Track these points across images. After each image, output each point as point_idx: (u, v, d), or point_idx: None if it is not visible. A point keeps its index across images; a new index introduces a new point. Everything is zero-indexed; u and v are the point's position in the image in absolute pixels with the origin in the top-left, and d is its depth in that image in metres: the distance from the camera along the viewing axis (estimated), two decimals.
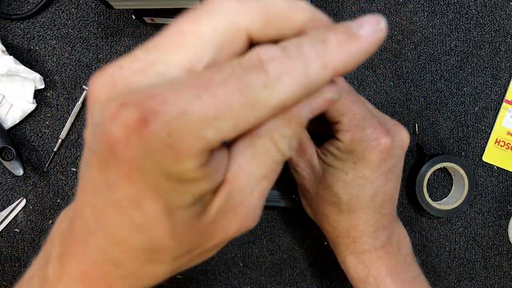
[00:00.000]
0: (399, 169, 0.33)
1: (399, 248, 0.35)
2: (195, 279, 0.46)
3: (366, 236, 0.33)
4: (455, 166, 0.46)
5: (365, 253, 0.34)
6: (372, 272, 0.34)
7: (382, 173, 0.31)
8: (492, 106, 0.49)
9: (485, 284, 0.49)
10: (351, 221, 0.32)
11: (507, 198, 0.49)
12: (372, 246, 0.33)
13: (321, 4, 0.46)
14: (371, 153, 0.30)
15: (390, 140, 0.30)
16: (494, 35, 0.49)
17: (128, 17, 0.45)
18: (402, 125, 0.33)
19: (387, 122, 0.32)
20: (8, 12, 0.44)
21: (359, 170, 0.30)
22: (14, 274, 0.44)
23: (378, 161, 0.30)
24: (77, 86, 0.44)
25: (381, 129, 0.30)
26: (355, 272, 0.35)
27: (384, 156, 0.30)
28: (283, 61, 0.15)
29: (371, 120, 0.30)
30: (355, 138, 0.30)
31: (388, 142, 0.30)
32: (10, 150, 0.42)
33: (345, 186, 0.31)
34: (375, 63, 0.47)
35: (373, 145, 0.30)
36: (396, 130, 0.32)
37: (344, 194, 0.31)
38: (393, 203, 0.34)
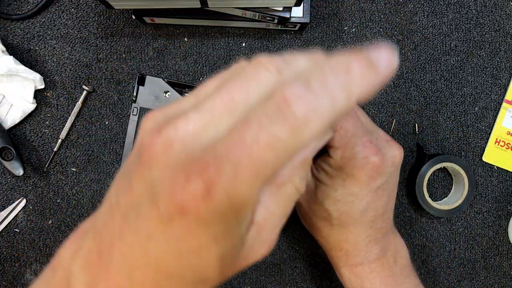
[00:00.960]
0: (391, 185, 0.33)
1: (395, 260, 0.35)
2: None
3: (359, 250, 0.33)
4: (455, 166, 0.46)
5: (358, 266, 0.34)
6: (365, 284, 0.34)
7: (372, 190, 0.31)
8: (492, 106, 0.49)
9: (485, 284, 0.49)
10: (343, 235, 0.33)
11: (507, 198, 0.49)
12: (365, 259, 0.33)
13: (321, 4, 0.46)
14: (360, 171, 0.30)
15: (380, 158, 0.30)
16: (494, 35, 0.49)
17: (128, 17, 0.45)
18: (395, 141, 0.33)
19: (380, 138, 0.32)
20: (8, 12, 0.44)
21: (348, 187, 0.30)
22: (14, 274, 0.44)
23: (366, 178, 0.30)
24: (77, 86, 0.44)
25: (371, 147, 0.30)
26: (349, 283, 0.35)
27: (373, 174, 0.30)
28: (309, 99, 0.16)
29: (362, 138, 0.30)
30: (345, 156, 0.30)
31: (377, 160, 0.30)
32: (10, 150, 0.42)
33: (335, 202, 0.31)
34: None
35: (362, 164, 0.30)
36: (388, 147, 0.32)
37: (334, 211, 0.32)
38: (386, 218, 0.34)
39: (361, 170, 0.30)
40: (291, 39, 0.46)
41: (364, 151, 0.30)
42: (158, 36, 0.45)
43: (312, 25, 0.46)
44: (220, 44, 0.46)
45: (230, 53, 0.46)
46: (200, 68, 0.45)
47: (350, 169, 0.30)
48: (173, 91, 0.42)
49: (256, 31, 0.46)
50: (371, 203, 0.31)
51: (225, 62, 0.46)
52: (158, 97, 0.42)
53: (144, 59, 0.45)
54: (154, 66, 0.45)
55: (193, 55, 0.45)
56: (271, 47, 0.46)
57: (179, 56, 0.45)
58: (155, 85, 0.42)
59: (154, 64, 0.45)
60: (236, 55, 0.46)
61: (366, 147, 0.30)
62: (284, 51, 0.46)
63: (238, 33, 0.46)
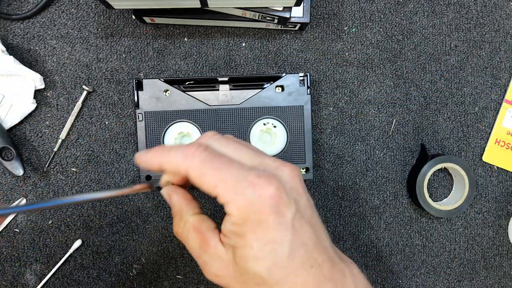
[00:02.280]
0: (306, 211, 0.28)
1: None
2: (195, 279, 0.46)
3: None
4: (455, 167, 0.46)
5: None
6: None
7: (287, 226, 0.26)
8: (492, 106, 0.49)
9: (485, 284, 0.49)
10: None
11: (507, 198, 0.49)
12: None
13: (321, 4, 0.46)
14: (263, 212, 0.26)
15: (275, 187, 0.26)
16: (494, 35, 0.49)
17: (128, 17, 0.45)
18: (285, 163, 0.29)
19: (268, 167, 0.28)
20: (8, 12, 0.44)
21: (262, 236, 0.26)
22: (14, 274, 0.44)
23: (275, 217, 0.26)
24: (77, 86, 0.44)
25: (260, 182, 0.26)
26: None
27: (278, 208, 0.26)
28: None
29: (247, 178, 0.26)
30: (240, 206, 0.26)
31: (273, 191, 0.26)
32: (10, 150, 0.42)
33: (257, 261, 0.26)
34: (375, 63, 0.47)
35: (260, 204, 0.26)
36: (279, 173, 0.28)
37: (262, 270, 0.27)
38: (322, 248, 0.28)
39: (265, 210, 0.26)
40: (291, 39, 0.46)
41: (255, 189, 0.26)
42: (158, 36, 0.45)
43: (312, 25, 0.46)
44: (220, 44, 0.46)
45: (230, 53, 0.46)
46: (200, 68, 0.45)
47: (253, 215, 0.26)
48: (173, 88, 0.42)
49: (256, 31, 0.46)
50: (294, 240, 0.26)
51: (225, 62, 0.46)
52: (159, 98, 0.42)
53: (144, 59, 0.45)
54: (154, 66, 0.45)
55: (193, 55, 0.45)
56: (271, 47, 0.46)
57: (179, 56, 0.45)
58: (154, 86, 0.42)
59: (154, 64, 0.45)
60: (236, 55, 0.46)
61: (256, 185, 0.26)
62: (284, 51, 0.46)
63: (238, 33, 0.46)
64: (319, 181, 0.47)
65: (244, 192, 0.26)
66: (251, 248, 0.26)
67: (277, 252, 0.26)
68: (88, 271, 0.45)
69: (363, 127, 0.47)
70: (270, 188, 0.26)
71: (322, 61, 0.47)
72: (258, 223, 0.26)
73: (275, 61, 0.46)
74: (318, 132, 0.47)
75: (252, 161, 0.28)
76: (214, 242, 0.29)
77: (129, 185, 0.45)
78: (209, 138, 0.29)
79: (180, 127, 0.43)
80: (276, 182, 0.26)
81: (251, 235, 0.26)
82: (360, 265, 0.47)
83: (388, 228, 0.48)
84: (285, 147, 0.43)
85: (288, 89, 0.43)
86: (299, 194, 0.28)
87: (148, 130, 0.42)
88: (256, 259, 0.26)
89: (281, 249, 0.26)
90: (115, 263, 0.45)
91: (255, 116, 0.43)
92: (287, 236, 0.26)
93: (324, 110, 0.47)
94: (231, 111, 0.43)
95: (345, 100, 0.47)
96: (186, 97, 0.42)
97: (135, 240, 0.45)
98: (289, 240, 0.26)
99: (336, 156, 0.47)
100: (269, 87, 0.43)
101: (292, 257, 0.26)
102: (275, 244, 0.26)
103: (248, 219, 0.26)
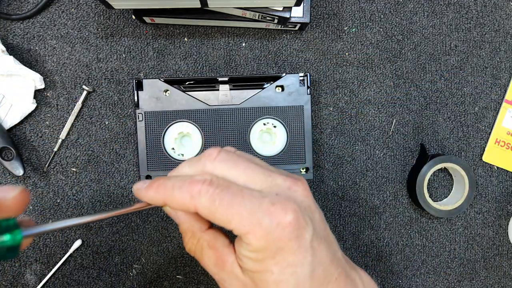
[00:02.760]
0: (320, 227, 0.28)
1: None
2: (195, 279, 0.46)
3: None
4: (455, 167, 0.46)
5: None
6: None
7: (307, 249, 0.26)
8: (492, 106, 0.49)
9: (485, 284, 0.49)
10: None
11: (507, 198, 0.49)
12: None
13: (321, 4, 0.46)
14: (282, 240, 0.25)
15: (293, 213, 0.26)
16: (494, 35, 0.49)
17: (128, 17, 0.45)
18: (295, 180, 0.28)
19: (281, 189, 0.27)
20: (8, 12, 0.44)
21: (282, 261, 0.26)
22: (14, 274, 0.44)
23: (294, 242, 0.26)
24: (77, 86, 0.44)
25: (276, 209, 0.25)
26: None
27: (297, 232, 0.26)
28: None
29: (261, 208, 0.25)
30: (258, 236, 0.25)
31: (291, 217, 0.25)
32: (10, 150, 0.42)
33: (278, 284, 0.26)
34: (375, 63, 0.47)
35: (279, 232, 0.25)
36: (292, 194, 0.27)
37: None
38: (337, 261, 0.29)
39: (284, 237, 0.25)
40: (291, 39, 0.46)
41: (272, 218, 0.25)
42: (158, 36, 0.45)
43: (312, 25, 0.46)
44: (220, 44, 0.46)
45: (230, 53, 0.46)
46: (200, 68, 0.45)
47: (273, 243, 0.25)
48: (173, 88, 0.42)
49: (256, 31, 0.46)
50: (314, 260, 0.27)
51: (225, 62, 0.46)
52: (159, 98, 0.42)
53: (144, 59, 0.45)
54: (154, 66, 0.45)
55: (193, 55, 0.45)
56: (271, 47, 0.46)
57: (179, 56, 0.45)
58: (153, 86, 0.42)
59: (154, 64, 0.45)
60: (236, 55, 0.46)
61: (272, 213, 0.25)
62: (284, 51, 0.46)
63: (238, 33, 0.46)
64: (319, 181, 0.47)
65: (261, 222, 0.25)
66: (272, 273, 0.26)
67: (298, 275, 0.26)
68: (88, 271, 0.45)
69: (363, 127, 0.47)
70: (288, 215, 0.25)
71: (322, 61, 0.47)
72: (278, 250, 0.26)
73: (275, 61, 0.46)
74: (318, 132, 0.47)
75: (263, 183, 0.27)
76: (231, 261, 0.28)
77: (128, 204, 0.45)
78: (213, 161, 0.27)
79: (180, 127, 0.43)
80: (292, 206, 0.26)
81: (271, 260, 0.26)
82: (360, 265, 0.47)
83: (388, 228, 0.48)
84: (285, 147, 0.43)
85: (288, 89, 0.43)
86: (312, 211, 0.28)
87: (148, 130, 0.42)
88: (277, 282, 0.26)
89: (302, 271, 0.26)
90: (115, 263, 0.45)
91: (255, 116, 0.43)
92: (307, 258, 0.26)
93: (324, 110, 0.47)
94: (231, 111, 0.43)
95: (345, 100, 0.47)
96: (186, 97, 0.42)
97: (135, 240, 0.45)
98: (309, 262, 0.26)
99: (336, 156, 0.47)
100: (269, 87, 0.43)
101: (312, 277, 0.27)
102: (296, 267, 0.26)
103: (267, 248, 0.26)
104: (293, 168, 0.43)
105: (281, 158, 0.43)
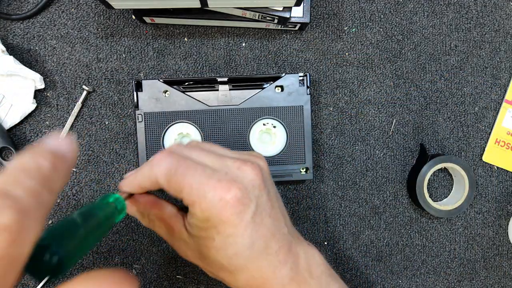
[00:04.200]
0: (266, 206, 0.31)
1: (310, 272, 0.33)
2: (195, 279, 0.46)
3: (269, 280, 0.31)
4: (455, 167, 0.46)
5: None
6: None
7: (248, 223, 0.29)
8: (492, 106, 0.49)
9: (485, 284, 0.49)
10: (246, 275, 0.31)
11: (507, 198, 0.49)
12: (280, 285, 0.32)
13: (321, 4, 0.46)
14: (225, 213, 0.29)
15: (236, 190, 0.29)
16: (494, 35, 0.49)
17: (128, 17, 0.45)
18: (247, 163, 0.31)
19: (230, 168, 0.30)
20: (8, 12, 0.44)
21: (223, 232, 0.29)
22: None
23: (235, 216, 0.29)
24: (77, 86, 0.44)
25: (222, 186, 0.29)
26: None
27: (238, 208, 0.29)
28: None
29: (209, 182, 0.29)
30: (202, 208, 0.29)
31: (234, 195, 0.29)
32: (10, 150, 0.42)
33: (218, 251, 0.30)
34: (375, 63, 0.47)
35: (222, 206, 0.28)
36: (240, 173, 0.30)
37: (222, 258, 0.30)
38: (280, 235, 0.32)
39: (225, 211, 0.28)
40: (291, 39, 0.46)
41: (217, 193, 0.28)
42: (158, 36, 0.45)
43: (312, 25, 0.46)
44: (220, 44, 0.46)
45: (230, 53, 0.46)
46: (200, 68, 0.45)
47: (216, 215, 0.29)
48: (172, 89, 0.42)
49: (256, 31, 0.46)
50: (254, 234, 0.30)
51: (225, 62, 0.46)
52: (159, 99, 0.42)
53: (144, 59, 0.45)
54: (154, 66, 0.45)
55: (193, 55, 0.45)
56: (271, 47, 0.46)
57: (179, 56, 0.45)
58: (153, 87, 0.42)
59: (154, 64, 0.45)
60: (236, 55, 0.46)
61: (217, 188, 0.28)
62: (284, 51, 0.46)
63: (238, 33, 0.46)
64: (319, 181, 0.47)
65: (206, 195, 0.28)
66: (213, 240, 0.30)
67: (237, 245, 0.29)
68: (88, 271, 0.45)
69: (363, 127, 0.47)
70: (231, 191, 0.28)
71: (322, 61, 0.47)
72: (220, 221, 0.29)
73: (275, 61, 0.46)
74: (318, 132, 0.47)
75: (214, 163, 0.30)
76: (179, 227, 0.32)
77: None
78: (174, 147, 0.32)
79: (180, 127, 0.43)
80: (236, 185, 0.29)
81: (213, 230, 0.29)
82: (360, 265, 0.47)
83: (388, 228, 0.48)
84: (285, 148, 0.43)
85: (288, 89, 0.43)
86: (260, 190, 0.30)
87: (148, 131, 0.42)
88: (217, 249, 0.30)
89: (241, 241, 0.29)
90: (115, 263, 0.45)
91: (254, 117, 0.43)
92: (247, 230, 0.29)
93: (324, 110, 0.47)
94: (231, 111, 0.43)
95: (345, 100, 0.47)
96: (185, 97, 0.42)
97: (135, 240, 0.45)
98: (249, 234, 0.29)
99: (336, 156, 0.47)
100: (269, 87, 0.43)
101: (251, 248, 0.30)
102: (236, 238, 0.29)
103: (210, 219, 0.29)
104: (293, 168, 0.43)
105: (281, 159, 0.43)
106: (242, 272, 0.31)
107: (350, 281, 0.47)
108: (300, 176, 0.43)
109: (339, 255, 0.47)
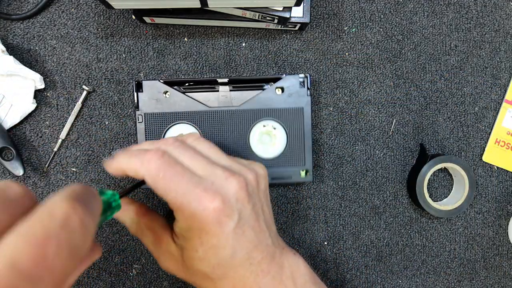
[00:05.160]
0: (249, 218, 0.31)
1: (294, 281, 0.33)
2: None
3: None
4: (455, 167, 0.46)
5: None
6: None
7: (229, 234, 0.30)
8: (492, 106, 0.49)
9: (485, 284, 0.49)
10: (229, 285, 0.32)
11: (507, 198, 0.49)
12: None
13: (321, 4, 0.46)
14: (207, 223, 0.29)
15: (219, 202, 0.29)
16: (494, 35, 0.48)
17: (128, 17, 0.45)
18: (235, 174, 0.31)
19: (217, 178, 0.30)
20: (8, 12, 0.44)
21: (206, 242, 0.30)
22: None
23: (218, 227, 0.29)
24: (77, 86, 0.44)
25: (206, 196, 0.29)
26: None
27: (220, 219, 0.29)
28: None
29: (194, 191, 0.29)
30: (186, 216, 0.29)
31: (217, 205, 0.29)
32: (10, 150, 0.42)
33: (201, 262, 0.31)
34: (375, 63, 0.47)
35: (205, 216, 0.29)
36: (227, 184, 0.30)
37: (205, 268, 0.31)
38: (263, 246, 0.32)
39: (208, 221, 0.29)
40: (291, 39, 0.46)
41: (201, 203, 0.29)
42: (158, 36, 0.45)
43: (312, 25, 0.46)
44: (220, 44, 0.46)
45: (230, 53, 0.46)
46: (200, 68, 0.45)
47: (198, 224, 0.29)
48: (172, 90, 0.42)
49: (256, 31, 0.46)
50: (235, 244, 0.30)
51: (225, 62, 0.46)
52: (159, 99, 0.42)
53: (144, 59, 0.45)
54: (154, 66, 0.45)
55: (193, 55, 0.45)
56: (271, 47, 0.46)
57: (179, 56, 0.45)
58: (153, 88, 0.42)
59: (154, 64, 0.45)
60: (236, 55, 0.46)
61: (202, 198, 0.29)
62: (284, 51, 0.46)
63: (238, 33, 0.46)
64: (319, 181, 0.47)
65: (190, 203, 0.29)
66: (196, 251, 0.30)
67: (219, 255, 0.30)
68: (88, 271, 0.45)
69: (363, 127, 0.47)
70: (214, 202, 0.29)
71: (322, 61, 0.47)
72: (203, 231, 0.29)
73: (275, 61, 0.46)
74: (318, 132, 0.47)
75: (204, 170, 0.31)
76: (166, 239, 0.33)
77: None
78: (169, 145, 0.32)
79: (180, 128, 0.42)
80: (220, 196, 0.29)
81: (196, 240, 0.30)
82: (360, 265, 0.47)
83: (388, 228, 0.48)
84: (285, 149, 0.43)
85: (288, 90, 0.43)
86: (243, 204, 0.31)
87: (148, 132, 0.42)
88: (200, 260, 0.30)
89: (223, 252, 0.30)
90: (115, 263, 0.45)
91: (254, 118, 0.43)
92: (228, 241, 0.30)
93: (324, 110, 0.47)
94: (231, 112, 0.43)
95: (345, 100, 0.47)
96: (185, 98, 0.42)
97: (135, 240, 0.45)
98: (230, 245, 0.30)
99: (336, 156, 0.47)
100: (269, 89, 0.43)
101: (233, 258, 0.30)
102: (218, 249, 0.30)
103: (192, 227, 0.29)
104: (293, 170, 0.43)
105: (280, 160, 0.43)
106: (225, 281, 0.31)
107: (350, 281, 0.47)
108: (300, 179, 0.43)
109: (339, 255, 0.47)
